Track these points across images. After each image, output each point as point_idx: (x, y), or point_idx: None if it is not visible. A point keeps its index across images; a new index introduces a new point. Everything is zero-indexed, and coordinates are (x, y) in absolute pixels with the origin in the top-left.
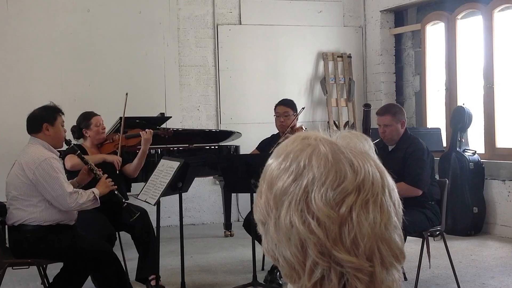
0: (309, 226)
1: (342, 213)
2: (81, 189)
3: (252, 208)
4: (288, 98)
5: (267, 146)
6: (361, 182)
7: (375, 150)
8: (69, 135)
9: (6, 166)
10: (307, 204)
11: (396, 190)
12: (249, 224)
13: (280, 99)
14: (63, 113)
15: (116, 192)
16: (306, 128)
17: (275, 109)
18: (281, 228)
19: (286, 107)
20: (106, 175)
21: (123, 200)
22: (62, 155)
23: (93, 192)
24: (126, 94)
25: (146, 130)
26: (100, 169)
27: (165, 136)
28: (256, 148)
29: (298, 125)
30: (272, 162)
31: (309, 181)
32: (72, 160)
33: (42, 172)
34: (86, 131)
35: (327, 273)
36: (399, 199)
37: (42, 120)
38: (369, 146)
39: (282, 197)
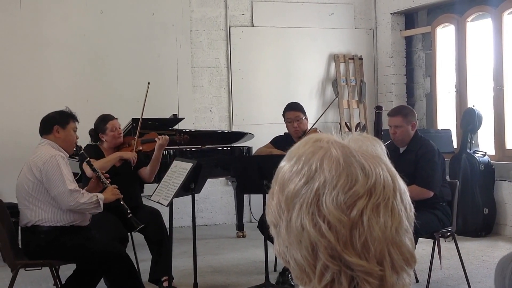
0: (320, 229)
1: (353, 216)
2: (84, 190)
3: (264, 209)
4: (297, 101)
5: (280, 145)
6: (372, 186)
7: (387, 154)
8: (82, 140)
9: (18, 168)
10: (318, 207)
11: (407, 194)
12: (263, 225)
13: (287, 104)
14: (77, 120)
15: (122, 202)
16: (320, 131)
17: (284, 115)
18: (292, 230)
19: (296, 111)
20: (114, 185)
21: (128, 211)
22: (79, 161)
23: (97, 196)
24: (148, 83)
25: (162, 136)
26: (109, 179)
27: (181, 142)
28: (270, 142)
29: (310, 126)
30: (284, 165)
31: (320, 184)
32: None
33: (47, 168)
34: (103, 135)
35: (337, 277)
36: (411, 203)
37: (54, 122)
38: (381, 149)
39: (293, 200)
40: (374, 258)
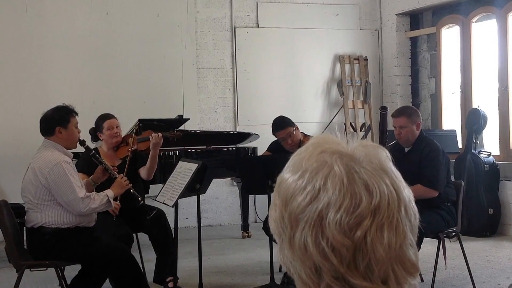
0: (323, 251)
1: (356, 238)
2: (94, 193)
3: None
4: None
5: (278, 149)
6: (376, 206)
7: (392, 160)
8: (86, 137)
9: (23, 167)
10: (321, 228)
11: (413, 201)
12: (268, 226)
13: (273, 124)
14: (76, 114)
15: (132, 190)
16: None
17: (274, 135)
18: (295, 248)
19: (285, 129)
20: (121, 175)
21: (139, 198)
22: (80, 159)
23: (106, 195)
24: (138, 120)
25: (155, 134)
26: (116, 168)
27: (174, 139)
28: (267, 149)
29: (302, 132)
30: (288, 178)
31: (324, 206)
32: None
33: (53, 176)
34: (100, 134)
35: None
36: (416, 211)
37: (55, 123)
38: (386, 156)
39: (297, 218)
40: (379, 278)
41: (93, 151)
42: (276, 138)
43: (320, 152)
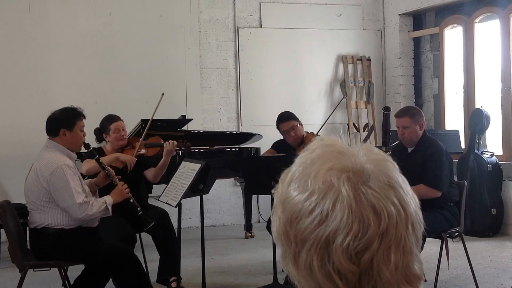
0: (328, 274)
1: (363, 262)
2: (93, 198)
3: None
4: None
5: (282, 150)
6: (385, 229)
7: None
8: (91, 137)
9: (26, 167)
10: (328, 252)
11: (419, 213)
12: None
13: (278, 116)
14: (84, 117)
15: (131, 200)
16: (318, 134)
17: (278, 128)
18: (300, 267)
19: (289, 121)
20: (122, 182)
21: (138, 209)
22: (83, 158)
23: (105, 202)
24: (162, 94)
25: (170, 141)
26: (118, 176)
27: (182, 148)
28: (271, 147)
29: (305, 129)
30: (294, 196)
31: (332, 231)
32: (87, 165)
33: (54, 180)
34: (106, 136)
35: None
36: (421, 220)
37: (60, 125)
38: (393, 167)
39: (303, 239)
40: None
41: (97, 156)
42: (281, 136)
43: (328, 170)
